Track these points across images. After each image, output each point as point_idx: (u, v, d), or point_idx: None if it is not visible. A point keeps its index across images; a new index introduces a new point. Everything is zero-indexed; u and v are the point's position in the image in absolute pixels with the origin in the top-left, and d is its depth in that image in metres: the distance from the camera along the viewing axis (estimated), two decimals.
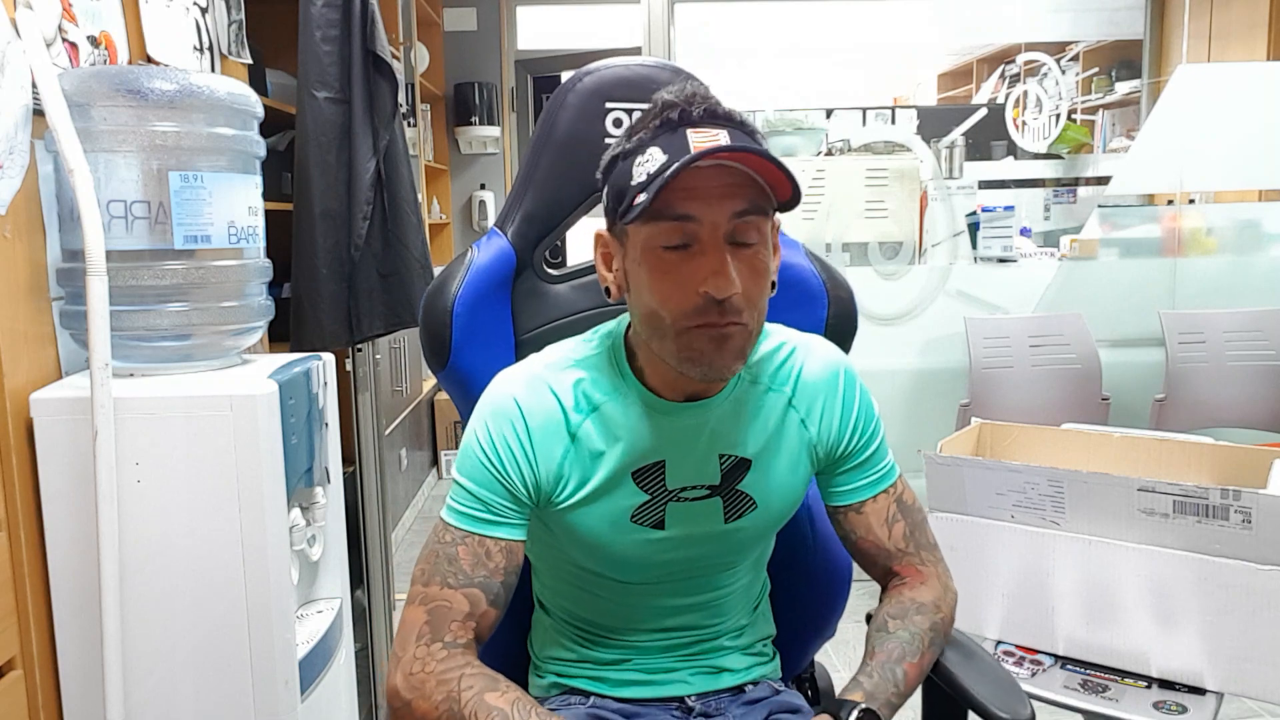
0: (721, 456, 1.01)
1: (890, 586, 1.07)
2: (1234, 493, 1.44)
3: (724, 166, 0.88)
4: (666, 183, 0.85)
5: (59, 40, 1.30)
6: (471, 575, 0.94)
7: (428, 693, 0.91)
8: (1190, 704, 1.48)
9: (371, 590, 2.21)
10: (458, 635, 0.93)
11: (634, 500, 0.99)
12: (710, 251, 0.88)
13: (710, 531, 1.02)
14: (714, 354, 0.90)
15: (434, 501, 4.15)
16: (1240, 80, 3.00)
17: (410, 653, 0.93)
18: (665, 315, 0.90)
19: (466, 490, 0.97)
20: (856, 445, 1.05)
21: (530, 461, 0.97)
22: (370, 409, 2.18)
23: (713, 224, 0.88)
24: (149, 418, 1.24)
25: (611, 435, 0.98)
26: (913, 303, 3.08)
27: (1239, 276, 3.08)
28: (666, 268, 0.89)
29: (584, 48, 4.65)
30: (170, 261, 1.28)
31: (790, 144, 3.23)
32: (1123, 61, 4.23)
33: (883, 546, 1.05)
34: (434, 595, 0.94)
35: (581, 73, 1.19)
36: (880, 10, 3.86)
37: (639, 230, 0.91)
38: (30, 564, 1.22)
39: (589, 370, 1.00)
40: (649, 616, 1.08)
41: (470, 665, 0.92)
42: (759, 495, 1.02)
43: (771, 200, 0.91)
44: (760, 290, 0.92)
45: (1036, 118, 3.72)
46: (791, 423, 1.03)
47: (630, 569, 1.03)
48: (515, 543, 0.97)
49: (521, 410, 0.97)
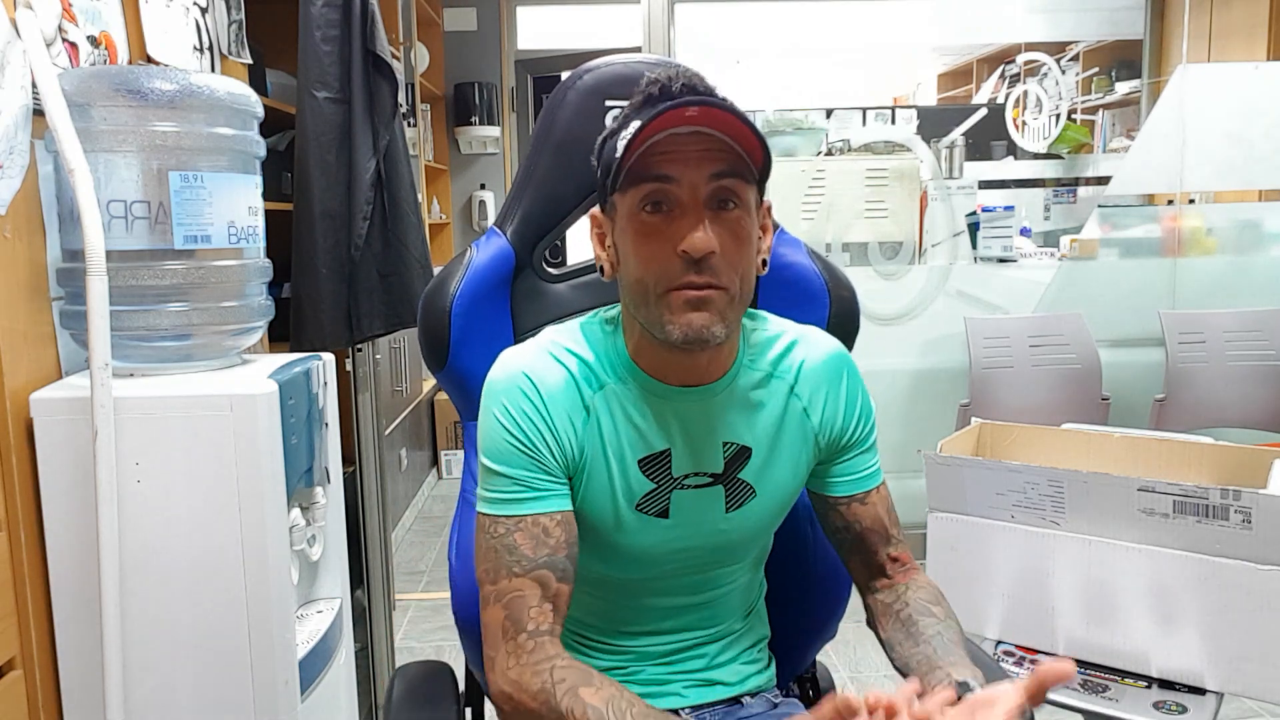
0: (725, 444, 1.01)
1: (894, 571, 1.07)
2: (1234, 493, 1.44)
3: (701, 134, 0.89)
4: (639, 135, 0.87)
5: (59, 40, 1.30)
6: (535, 558, 0.93)
7: (526, 685, 0.90)
8: (1190, 704, 1.48)
9: (371, 590, 2.21)
10: (539, 622, 0.92)
11: (641, 488, 0.99)
12: (690, 213, 0.90)
13: (712, 521, 1.02)
14: (692, 315, 0.90)
15: (434, 501, 4.15)
16: (1240, 80, 3.00)
17: (501, 651, 0.92)
18: (648, 279, 0.91)
19: (501, 475, 0.95)
20: (859, 435, 1.06)
21: (552, 429, 0.96)
22: (370, 409, 2.18)
23: (691, 185, 0.90)
24: (149, 418, 1.24)
25: (620, 418, 0.99)
26: (913, 303, 3.08)
27: (1239, 276, 3.08)
28: (649, 231, 0.91)
29: (584, 48, 4.65)
30: (170, 261, 1.28)
31: (790, 144, 3.23)
32: (1123, 61, 4.23)
33: (888, 532, 1.06)
34: (505, 590, 0.93)
35: (580, 71, 1.19)
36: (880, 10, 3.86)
37: (623, 199, 0.93)
38: (30, 564, 1.22)
39: (593, 350, 1.00)
40: (646, 618, 1.07)
41: (560, 657, 0.91)
42: (759, 484, 1.03)
43: (751, 169, 0.92)
44: (742, 255, 0.92)
45: (1036, 118, 3.72)
46: (794, 411, 1.03)
47: (634, 561, 1.03)
48: (567, 513, 0.96)
49: (534, 381, 0.96)
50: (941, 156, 3.31)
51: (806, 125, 3.25)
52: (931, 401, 2.98)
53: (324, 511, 1.51)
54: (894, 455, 1.11)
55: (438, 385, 4.32)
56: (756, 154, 0.91)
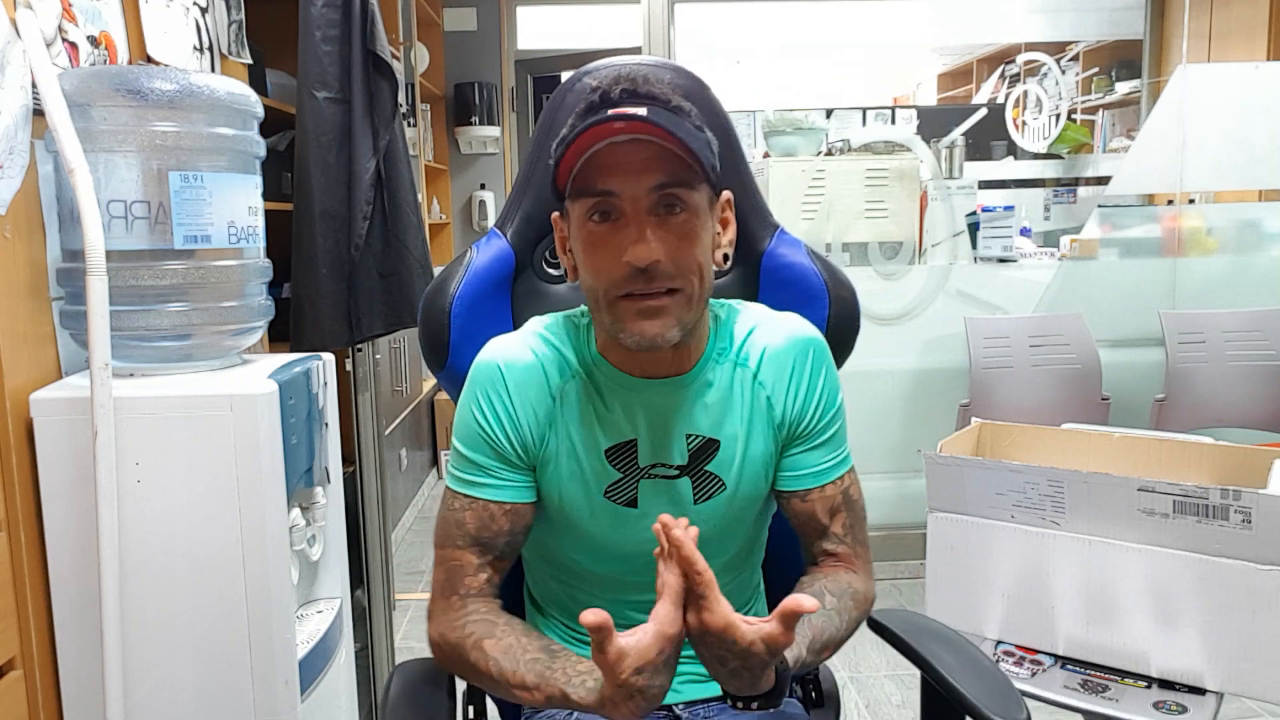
0: (689, 436, 1.01)
1: (825, 564, 1.06)
2: (1234, 493, 1.44)
3: (641, 141, 0.90)
4: (571, 147, 0.89)
5: (59, 40, 1.30)
6: (477, 536, 1.01)
7: (448, 637, 0.99)
8: (1190, 704, 1.48)
9: (371, 590, 2.21)
10: (470, 587, 1.01)
11: (607, 477, 1.01)
12: (632, 223, 0.91)
13: (681, 513, 1.02)
14: (644, 324, 0.92)
15: (434, 501, 4.15)
16: (1240, 80, 3.00)
17: (437, 606, 1.02)
18: (599, 287, 0.94)
19: (463, 456, 1.02)
20: (817, 424, 1.04)
21: (514, 421, 1.00)
22: (370, 409, 2.18)
23: (632, 198, 0.91)
24: (149, 418, 1.24)
25: (588, 407, 1.01)
26: (913, 303, 3.08)
27: (1239, 276, 3.08)
28: (597, 241, 0.93)
29: (584, 48, 4.65)
30: (170, 261, 1.28)
31: (790, 144, 3.23)
32: (1123, 61, 4.23)
33: (825, 528, 1.05)
34: (448, 556, 1.02)
35: (581, 72, 1.19)
36: (880, 10, 3.86)
37: (573, 207, 0.95)
38: (30, 564, 1.22)
39: (568, 341, 1.03)
40: (630, 614, 1.07)
41: (475, 613, 0.99)
42: (728, 477, 1.03)
43: (697, 171, 0.92)
44: (690, 255, 0.93)
45: (1036, 118, 3.72)
46: (759, 401, 1.03)
47: (606, 552, 1.04)
48: (520, 505, 1.02)
49: (503, 373, 1.01)
50: (941, 156, 3.30)
51: (806, 125, 3.25)
52: (931, 401, 2.98)
53: (324, 511, 1.51)
54: (894, 455, 1.10)
55: (438, 385, 4.32)
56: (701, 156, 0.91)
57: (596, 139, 0.90)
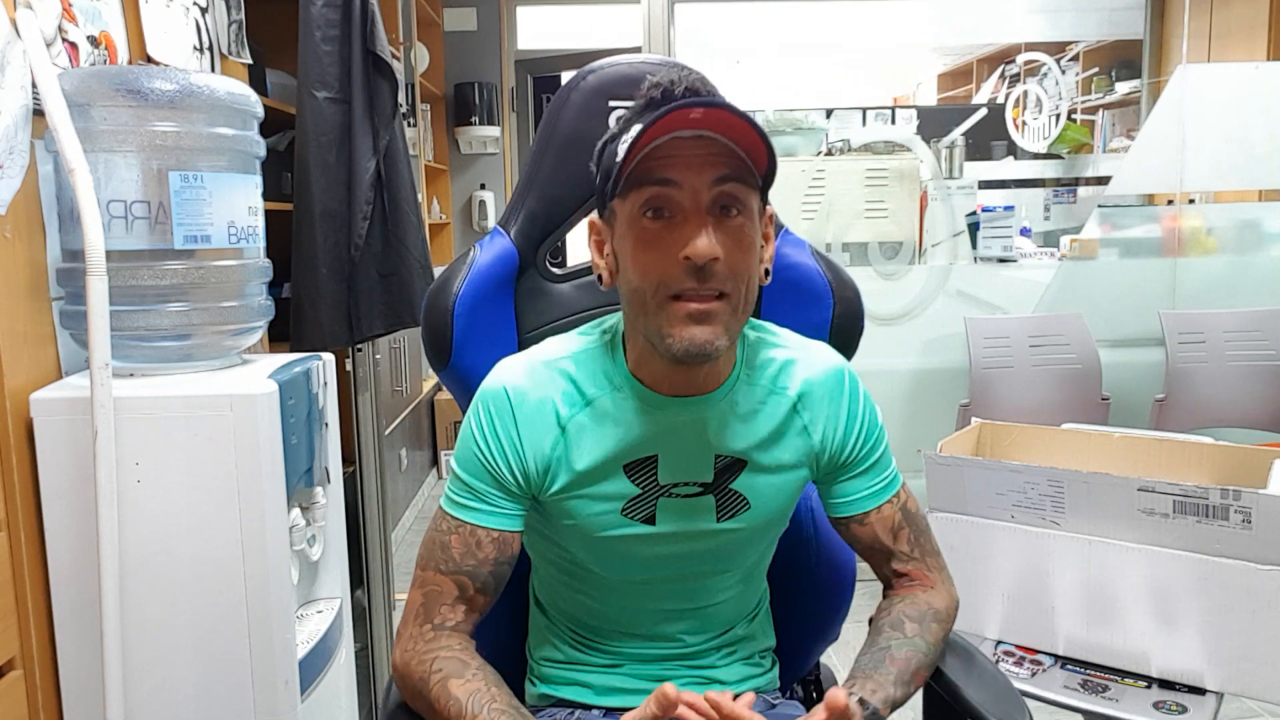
0: (716, 456, 1.00)
1: (899, 585, 1.06)
2: (1234, 493, 1.44)
3: (704, 138, 0.88)
4: (641, 138, 0.86)
5: (59, 40, 1.29)
6: (460, 564, 0.98)
7: (412, 668, 0.96)
8: (1190, 704, 1.48)
9: (371, 590, 2.21)
10: (446, 617, 0.98)
11: (625, 494, 0.99)
12: (691, 219, 0.88)
13: (702, 530, 1.01)
14: (694, 329, 0.89)
15: (434, 501, 4.15)
16: (1240, 80, 3.00)
17: (408, 631, 0.99)
18: (647, 287, 0.90)
19: (460, 479, 0.99)
20: (860, 453, 1.04)
21: (519, 452, 0.98)
22: (370, 409, 2.18)
23: (693, 190, 0.88)
24: (149, 418, 1.24)
25: (604, 428, 0.98)
26: (913, 303, 3.08)
27: (1239, 276, 3.08)
28: (649, 238, 0.90)
29: (584, 48, 4.65)
30: (170, 261, 1.28)
31: (790, 144, 3.23)
32: (1123, 61, 4.23)
33: (889, 550, 1.05)
34: (429, 580, 0.99)
35: (584, 71, 1.19)
36: (880, 10, 3.86)
37: (623, 205, 0.92)
38: (30, 564, 1.22)
39: (584, 363, 1.00)
40: (639, 622, 1.07)
41: (446, 649, 0.96)
42: (752, 496, 1.02)
43: (755, 175, 0.90)
44: (745, 264, 0.91)
45: (1036, 118, 3.72)
46: (794, 428, 1.02)
47: (619, 564, 1.03)
48: (508, 534, 0.99)
49: (512, 401, 0.98)
50: (941, 156, 3.31)
51: (806, 125, 3.25)
52: (931, 401, 2.98)
53: (324, 511, 1.51)
54: (894, 455, 1.10)
55: (438, 385, 4.32)
56: (761, 159, 0.89)
57: (667, 129, 0.86)
